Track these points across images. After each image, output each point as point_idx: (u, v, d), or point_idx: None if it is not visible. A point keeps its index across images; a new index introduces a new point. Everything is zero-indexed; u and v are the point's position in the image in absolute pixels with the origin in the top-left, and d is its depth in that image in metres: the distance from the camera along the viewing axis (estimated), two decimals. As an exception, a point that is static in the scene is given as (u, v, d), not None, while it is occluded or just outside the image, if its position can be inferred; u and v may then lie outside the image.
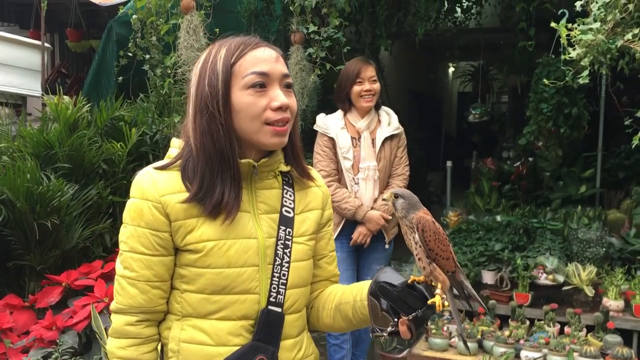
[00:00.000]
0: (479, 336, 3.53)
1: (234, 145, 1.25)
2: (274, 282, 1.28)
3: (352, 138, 3.23)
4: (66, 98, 3.63)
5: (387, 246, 3.34)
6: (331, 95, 5.43)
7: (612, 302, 3.77)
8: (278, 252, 1.29)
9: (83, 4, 6.87)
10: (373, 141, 3.24)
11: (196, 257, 1.24)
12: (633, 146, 2.90)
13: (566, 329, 3.54)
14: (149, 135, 3.87)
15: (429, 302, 1.20)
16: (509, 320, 3.71)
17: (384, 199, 1.31)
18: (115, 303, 1.29)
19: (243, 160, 1.27)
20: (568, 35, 2.87)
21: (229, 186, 1.24)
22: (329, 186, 3.15)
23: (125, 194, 3.63)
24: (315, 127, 3.30)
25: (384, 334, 1.26)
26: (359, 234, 3.19)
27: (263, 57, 1.25)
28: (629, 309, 3.78)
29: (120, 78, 4.30)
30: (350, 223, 3.21)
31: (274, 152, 1.32)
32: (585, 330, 3.54)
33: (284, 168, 1.35)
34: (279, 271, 1.28)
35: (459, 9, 6.27)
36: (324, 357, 3.53)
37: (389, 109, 3.39)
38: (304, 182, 1.40)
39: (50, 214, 3.05)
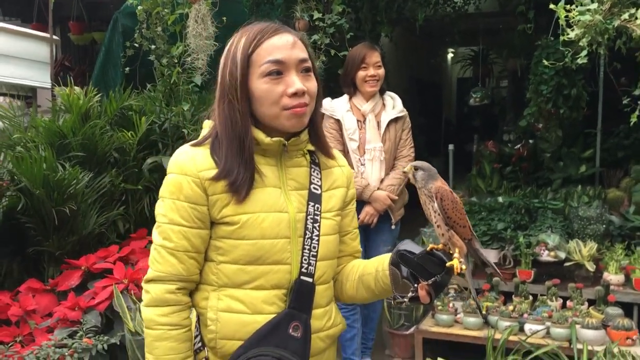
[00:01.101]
0: (484, 311, 3.64)
1: (249, 132, 1.32)
2: (304, 254, 1.36)
3: (358, 120, 3.32)
4: (77, 89, 3.72)
5: (393, 227, 3.43)
6: (333, 81, 5.53)
7: (612, 277, 3.88)
8: (308, 226, 1.37)
9: (85, -3, 6.94)
10: (378, 124, 3.32)
11: (232, 229, 1.32)
12: (631, 124, 3.00)
13: (568, 303, 3.63)
14: (158, 124, 3.95)
15: (447, 264, 1.27)
16: (513, 296, 3.81)
17: (404, 171, 1.40)
18: (154, 271, 1.34)
19: (274, 139, 1.34)
20: (566, 16, 2.95)
21: (243, 168, 1.31)
22: None
23: (137, 182, 3.74)
24: (322, 110, 3.38)
25: (405, 299, 1.34)
26: (366, 214, 3.27)
27: (279, 45, 1.30)
28: (629, 283, 3.89)
29: (127, 69, 4.38)
30: (357, 204, 3.30)
31: (301, 132, 1.39)
32: (586, 304, 3.64)
33: (311, 147, 1.43)
34: (309, 244, 1.36)
35: (457, -6, 6.33)
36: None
37: (393, 94, 3.47)
38: (329, 161, 1.48)
39: (66, 201, 3.14)
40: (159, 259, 1.34)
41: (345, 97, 3.37)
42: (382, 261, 1.43)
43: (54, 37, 4.47)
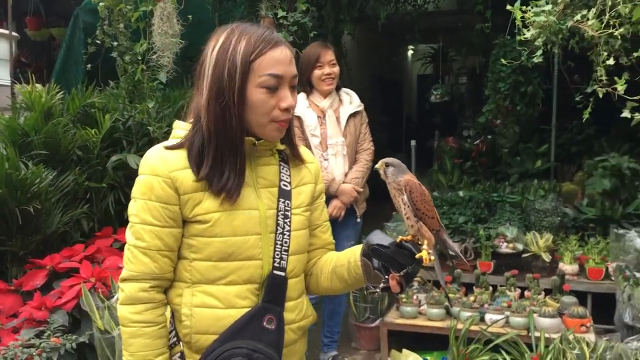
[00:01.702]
0: (446, 303, 3.74)
1: (243, 135, 1.35)
2: (277, 248, 1.40)
3: (318, 117, 3.39)
4: (39, 86, 3.66)
5: (358, 220, 3.51)
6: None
7: (567, 267, 4.04)
8: (279, 222, 1.41)
9: (42, -8, 6.80)
10: (337, 119, 3.40)
11: (204, 227, 1.35)
12: (584, 120, 3.13)
13: (526, 292, 3.77)
14: (122, 121, 3.93)
15: (417, 256, 1.31)
16: (474, 287, 3.93)
17: (375, 168, 1.45)
18: (128, 271, 1.37)
19: (248, 138, 1.37)
20: (522, 17, 3.06)
21: (234, 172, 1.35)
22: None
23: (101, 180, 3.71)
24: None
25: (377, 289, 1.39)
26: (334, 207, 3.33)
27: (279, 59, 1.34)
28: (583, 273, 4.06)
29: (89, 65, 4.33)
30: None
31: None
32: (543, 293, 3.78)
33: (280, 147, 1.47)
34: (281, 239, 1.41)
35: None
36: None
37: (349, 90, 3.55)
38: (297, 159, 1.52)
39: (30, 200, 3.11)
40: (132, 259, 1.36)
41: (302, 95, 3.40)
42: (354, 252, 1.47)
43: (14, 33, 4.37)
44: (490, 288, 3.91)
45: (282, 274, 1.41)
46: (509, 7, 3.10)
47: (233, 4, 5.67)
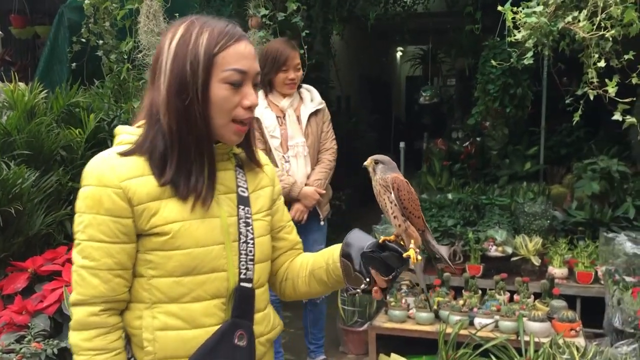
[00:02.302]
0: (435, 307, 3.72)
1: (210, 133, 1.26)
2: (242, 258, 1.32)
3: (277, 117, 3.26)
4: (22, 85, 3.58)
5: (322, 222, 3.42)
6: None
7: (556, 270, 4.03)
8: (241, 229, 1.33)
9: (27, -11, 6.70)
10: (298, 118, 3.29)
11: (164, 240, 1.25)
12: (574, 123, 3.12)
13: (515, 296, 3.76)
14: (107, 121, 3.86)
15: (405, 255, 1.27)
16: (463, 290, 3.91)
17: (364, 166, 1.39)
18: (76, 295, 1.25)
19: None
20: (513, 18, 3.04)
21: (202, 175, 1.26)
22: None
23: (85, 181, 3.64)
24: None
25: (358, 291, 1.34)
26: (297, 211, 3.23)
27: (244, 54, 1.26)
28: (572, 276, 4.05)
29: (74, 64, 4.26)
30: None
31: None
32: (532, 297, 3.78)
33: (237, 150, 1.39)
34: (245, 248, 1.32)
35: (407, -7, 6.43)
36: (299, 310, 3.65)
37: (310, 86, 3.43)
38: (250, 164, 1.43)
39: (12, 201, 3.02)
40: (80, 282, 1.25)
41: (261, 93, 3.27)
42: (331, 253, 1.41)
43: (-3, 31, 4.29)
44: (480, 292, 3.89)
45: (249, 285, 1.33)
46: (500, 8, 3.08)
47: (221, 3, 5.62)
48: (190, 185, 1.25)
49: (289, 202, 3.22)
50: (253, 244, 1.34)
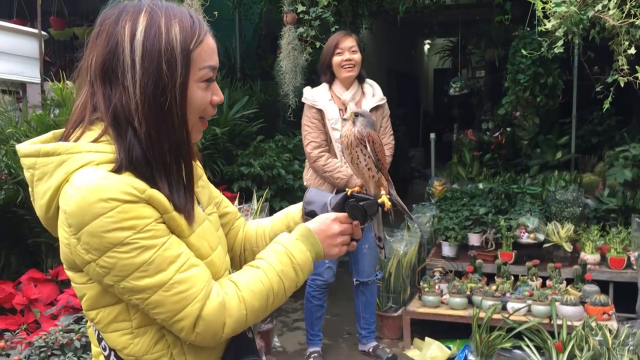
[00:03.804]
0: (468, 292, 3.80)
1: (190, 139, 1.14)
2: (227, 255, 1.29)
3: (340, 110, 3.35)
4: (69, 83, 3.77)
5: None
6: (315, 73, 5.63)
7: (589, 256, 4.07)
8: (217, 227, 1.29)
9: (65, -8, 6.94)
10: None
11: (192, 252, 1.14)
12: (604, 110, 3.17)
13: (548, 282, 3.81)
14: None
15: (380, 200, 1.36)
16: (495, 277, 3.98)
17: (344, 119, 1.48)
18: (197, 301, 1.07)
19: None
20: (543, 8, 3.10)
21: (182, 183, 1.13)
22: (320, 157, 3.31)
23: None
24: (303, 100, 3.42)
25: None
26: None
27: (214, 48, 1.16)
28: (605, 262, 4.09)
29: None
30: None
31: None
32: (565, 282, 3.83)
33: None
34: None
35: (436, -14, 6.46)
36: (324, 321, 3.77)
37: (373, 81, 3.52)
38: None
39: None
40: (186, 286, 1.07)
41: (325, 85, 3.40)
42: (290, 217, 1.40)
43: (43, 32, 4.50)
44: (512, 278, 3.96)
45: None
46: (529, -2, 3.14)
47: (253, 0, 5.76)
48: (179, 195, 1.12)
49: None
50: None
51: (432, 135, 5.76)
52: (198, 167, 1.30)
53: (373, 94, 3.45)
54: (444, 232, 4.46)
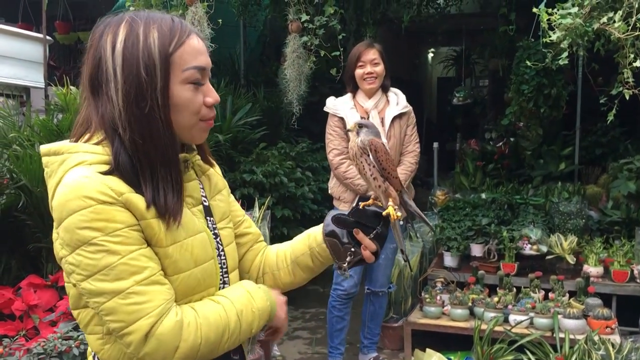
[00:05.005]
0: (470, 303, 3.78)
1: (176, 142, 1.15)
2: (221, 272, 1.27)
3: (362, 117, 3.35)
4: (73, 88, 3.77)
5: (401, 223, 3.49)
6: (319, 81, 5.64)
7: (592, 269, 4.04)
8: (212, 241, 1.26)
9: (70, -4, 6.97)
10: (382, 120, 3.37)
11: (165, 265, 1.12)
12: (608, 122, 3.15)
13: (550, 294, 3.79)
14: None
15: (384, 213, 1.30)
16: (497, 288, 3.96)
17: (348, 130, 1.42)
18: (150, 316, 1.05)
19: (180, 155, 1.19)
20: (548, 19, 3.09)
21: (171, 188, 1.13)
22: (341, 163, 3.32)
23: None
24: (325, 109, 3.44)
25: (346, 265, 1.32)
26: None
27: (199, 49, 1.16)
28: (608, 275, 4.06)
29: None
30: (363, 201, 3.33)
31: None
32: (567, 295, 3.80)
33: (189, 156, 1.24)
34: (219, 261, 1.26)
35: (440, -5, 6.48)
36: (324, 329, 3.74)
37: (397, 90, 3.52)
38: (203, 166, 1.32)
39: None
40: (141, 301, 1.05)
41: (349, 95, 3.43)
42: (312, 237, 1.38)
43: (48, 37, 4.51)
44: (514, 289, 3.93)
45: None
46: (535, 10, 3.14)
47: (257, 8, 5.77)
48: (160, 203, 1.11)
49: (367, 199, 3.30)
50: (224, 254, 1.28)
51: (435, 145, 5.74)
52: (218, 179, 1.36)
53: (397, 102, 3.45)
54: (446, 242, 4.44)
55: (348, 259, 1.31)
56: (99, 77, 1.11)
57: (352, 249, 1.30)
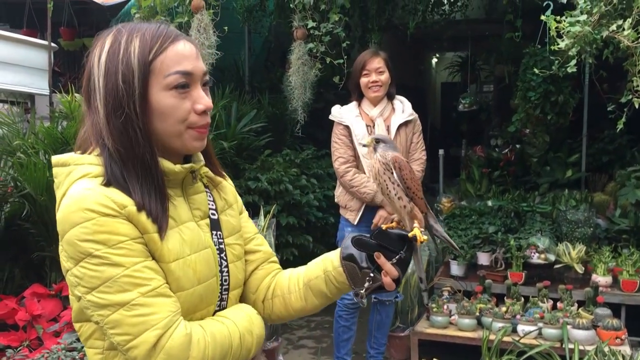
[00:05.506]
0: (477, 313, 3.74)
1: (154, 151, 1.12)
2: (221, 289, 1.23)
3: (367, 126, 3.35)
4: (78, 96, 3.75)
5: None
6: (324, 88, 5.62)
7: (600, 278, 4.00)
8: (215, 258, 1.22)
9: (75, 2, 6.96)
10: (388, 128, 3.36)
11: (169, 280, 1.10)
12: (618, 130, 3.12)
13: (559, 304, 3.75)
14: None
15: (410, 234, 1.19)
16: (505, 298, 3.91)
17: (364, 145, 1.34)
18: (156, 328, 1.04)
19: (184, 166, 1.17)
20: (557, 27, 3.06)
21: (154, 197, 1.10)
22: (347, 172, 3.30)
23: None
24: (330, 117, 3.43)
25: (364, 291, 1.22)
26: (380, 217, 3.27)
27: (185, 54, 1.12)
28: (617, 284, 4.01)
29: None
30: (369, 209, 3.31)
31: (197, 154, 1.24)
32: (576, 305, 3.76)
33: (196, 166, 1.22)
34: (220, 277, 1.22)
35: (445, 1, 6.45)
36: (330, 338, 3.71)
37: (403, 98, 3.50)
38: (215, 178, 1.30)
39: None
40: (148, 310, 1.04)
41: (354, 103, 3.42)
42: (328, 261, 1.29)
43: (53, 44, 4.50)
44: (522, 299, 3.89)
45: None
46: (543, 17, 3.11)
47: (262, 14, 5.75)
48: (151, 204, 1.10)
49: (373, 208, 3.30)
50: (228, 271, 1.24)
51: (441, 152, 5.71)
52: (230, 193, 1.33)
53: (403, 110, 3.43)
54: (452, 250, 4.40)
55: (366, 284, 1.21)
56: (89, 90, 1.12)
57: (371, 274, 1.21)
